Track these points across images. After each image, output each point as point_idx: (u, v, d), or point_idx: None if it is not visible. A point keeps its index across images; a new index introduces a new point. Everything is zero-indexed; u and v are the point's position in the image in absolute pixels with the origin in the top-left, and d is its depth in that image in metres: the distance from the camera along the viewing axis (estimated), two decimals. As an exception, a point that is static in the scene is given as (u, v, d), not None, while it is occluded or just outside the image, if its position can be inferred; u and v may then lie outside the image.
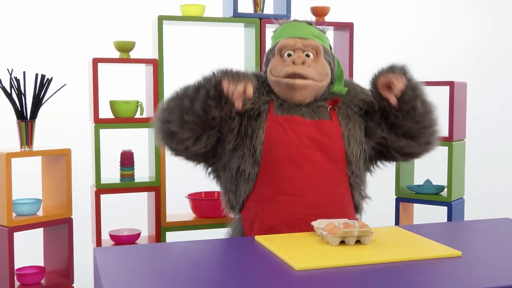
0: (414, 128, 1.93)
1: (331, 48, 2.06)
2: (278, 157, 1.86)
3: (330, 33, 4.24)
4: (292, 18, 2.05)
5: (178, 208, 3.74)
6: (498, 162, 4.96)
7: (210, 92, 1.81)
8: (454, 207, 3.00)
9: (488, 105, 4.92)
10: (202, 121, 1.83)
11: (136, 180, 2.88)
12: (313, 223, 1.71)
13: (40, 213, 2.64)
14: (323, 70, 1.94)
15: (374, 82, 1.95)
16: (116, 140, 3.75)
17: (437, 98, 4.86)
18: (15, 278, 2.57)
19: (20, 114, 2.59)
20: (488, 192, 4.79)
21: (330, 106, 1.95)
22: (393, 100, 1.86)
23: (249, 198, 1.92)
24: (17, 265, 3.33)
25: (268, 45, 2.37)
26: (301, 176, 1.85)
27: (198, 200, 2.92)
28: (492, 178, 4.89)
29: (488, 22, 4.89)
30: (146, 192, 3.03)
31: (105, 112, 3.66)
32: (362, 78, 4.71)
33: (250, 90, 1.76)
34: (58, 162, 2.70)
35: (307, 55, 1.93)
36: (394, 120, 1.93)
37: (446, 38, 4.65)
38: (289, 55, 1.93)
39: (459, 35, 4.69)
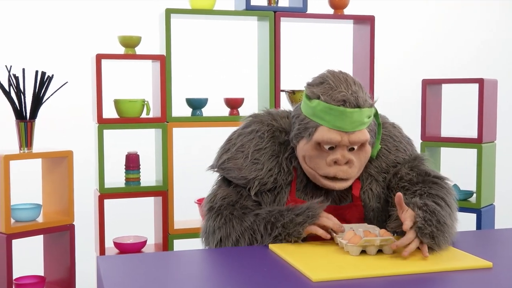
0: None
1: (377, 114, 1.88)
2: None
3: (349, 27, 4.24)
4: (340, 97, 1.72)
5: (187, 214, 3.75)
6: (531, 166, 4.92)
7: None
8: (483, 214, 2.98)
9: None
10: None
11: (142, 184, 2.89)
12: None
13: (40, 219, 2.65)
14: (365, 159, 1.81)
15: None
16: (121, 142, 3.77)
17: (466, 97, 4.83)
18: (14, 288, 2.58)
19: (19, 114, 2.60)
20: (521, 198, 4.74)
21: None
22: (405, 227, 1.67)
23: None
24: (15, 275, 3.35)
25: (284, 41, 2.34)
26: None
27: (208, 206, 2.92)
28: (524, 183, 4.85)
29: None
30: (153, 197, 3.03)
31: (109, 112, 3.67)
32: (383, 73, 4.69)
33: (336, 227, 1.70)
34: (59, 164, 2.71)
35: (352, 148, 1.78)
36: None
37: (471, 31, 4.62)
38: (331, 148, 1.77)
39: (485, 28, 4.66)
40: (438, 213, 1.66)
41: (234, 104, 3.02)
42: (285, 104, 4.07)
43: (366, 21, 3.08)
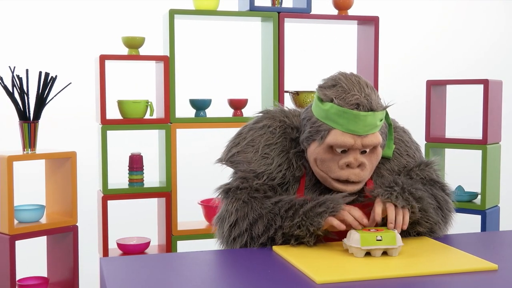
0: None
1: (387, 114, 1.89)
2: None
3: (353, 27, 4.24)
4: (354, 100, 1.71)
5: (190, 215, 3.75)
6: (536, 167, 4.91)
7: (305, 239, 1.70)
8: (488, 216, 2.97)
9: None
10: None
11: (145, 185, 2.89)
12: (336, 232, 1.70)
13: (43, 220, 2.65)
14: (376, 162, 1.80)
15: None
16: (125, 143, 3.77)
17: (470, 97, 4.80)
18: (17, 289, 2.58)
19: (22, 115, 2.61)
20: (526, 199, 4.73)
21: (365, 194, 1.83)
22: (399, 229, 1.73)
23: None
24: (18, 276, 3.36)
25: (288, 43, 2.34)
26: None
27: (211, 207, 2.92)
28: (529, 184, 4.84)
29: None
30: (156, 198, 3.03)
31: (113, 113, 3.67)
32: (387, 74, 4.68)
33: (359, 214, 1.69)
34: (62, 165, 2.71)
35: (363, 151, 1.77)
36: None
37: (476, 32, 4.61)
38: (343, 151, 1.75)
39: (490, 29, 4.65)
40: (413, 190, 1.74)
41: (237, 105, 3.01)
42: (289, 105, 4.07)
43: (370, 22, 3.08)
